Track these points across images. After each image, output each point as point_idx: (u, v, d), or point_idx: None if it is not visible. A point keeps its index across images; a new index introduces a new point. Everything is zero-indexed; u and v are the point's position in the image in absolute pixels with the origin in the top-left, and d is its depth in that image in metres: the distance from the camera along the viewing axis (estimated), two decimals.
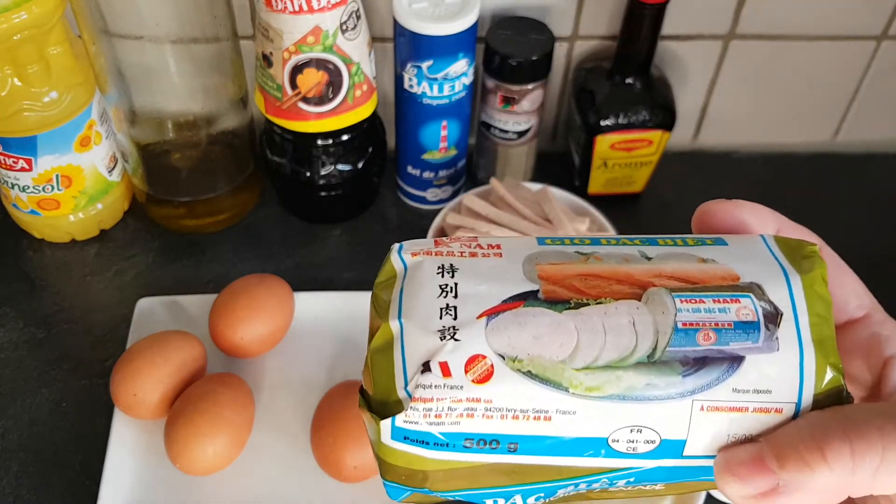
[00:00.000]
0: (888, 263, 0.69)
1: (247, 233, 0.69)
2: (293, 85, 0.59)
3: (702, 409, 0.25)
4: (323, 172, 0.64)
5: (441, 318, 0.25)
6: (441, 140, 0.65)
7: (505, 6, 0.65)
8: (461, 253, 0.27)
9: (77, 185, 0.63)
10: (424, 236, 0.60)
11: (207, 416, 0.51)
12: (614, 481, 0.26)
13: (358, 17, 0.58)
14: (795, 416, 0.25)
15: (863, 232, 0.71)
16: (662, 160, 0.69)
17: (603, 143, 0.66)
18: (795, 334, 0.25)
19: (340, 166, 0.65)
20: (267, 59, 0.58)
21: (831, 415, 0.24)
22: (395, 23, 0.60)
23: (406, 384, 0.24)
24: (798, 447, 0.24)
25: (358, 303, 0.60)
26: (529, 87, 0.63)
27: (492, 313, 0.25)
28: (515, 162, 0.69)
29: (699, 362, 0.25)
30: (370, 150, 0.66)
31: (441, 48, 0.59)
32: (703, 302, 0.25)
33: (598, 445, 0.25)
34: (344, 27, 0.57)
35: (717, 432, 0.25)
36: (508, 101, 0.64)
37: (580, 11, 0.66)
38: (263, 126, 0.66)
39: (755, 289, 0.26)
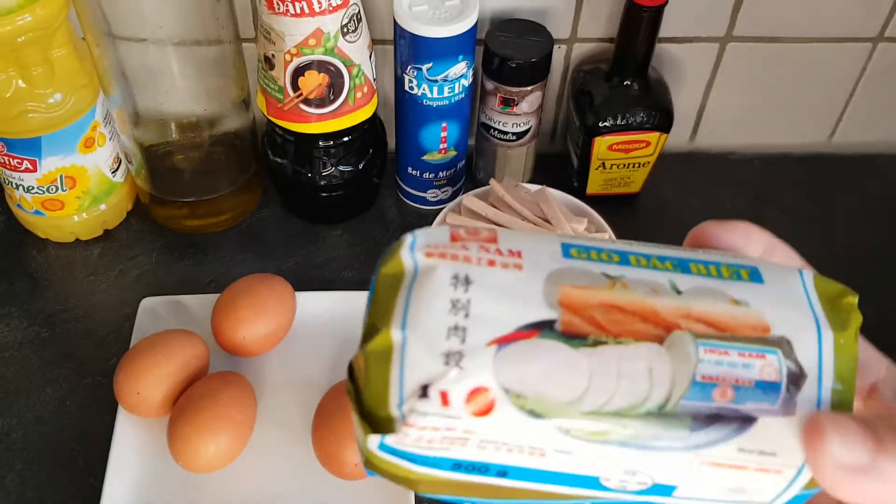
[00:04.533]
0: (884, 263, 0.69)
1: (249, 233, 0.69)
2: (294, 87, 0.59)
3: (702, 463, 0.24)
4: (324, 173, 0.65)
5: (448, 338, 0.23)
6: (441, 141, 0.66)
7: (504, 8, 0.65)
8: (479, 260, 0.24)
9: (81, 185, 0.64)
10: None
11: (210, 415, 0.51)
12: None
13: (359, 20, 0.58)
14: (795, 479, 0.24)
15: (858, 233, 0.71)
16: (660, 161, 0.69)
17: (601, 144, 0.67)
18: (816, 399, 0.24)
19: (341, 167, 0.65)
20: (269, 62, 0.59)
21: None
22: (396, 25, 0.60)
23: (401, 403, 0.23)
24: None
25: (358, 302, 0.60)
26: (528, 88, 0.64)
27: (503, 342, 0.23)
28: (514, 163, 0.70)
29: (710, 419, 0.23)
30: (371, 151, 0.66)
31: (441, 50, 0.59)
32: (728, 354, 0.24)
33: (588, 482, 0.24)
34: (345, 29, 0.57)
35: (709, 483, 0.24)
36: (507, 102, 0.65)
37: (578, 14, 0.67)
38: (265, 127, 0.67)
39: (784, 345, 0.24)
